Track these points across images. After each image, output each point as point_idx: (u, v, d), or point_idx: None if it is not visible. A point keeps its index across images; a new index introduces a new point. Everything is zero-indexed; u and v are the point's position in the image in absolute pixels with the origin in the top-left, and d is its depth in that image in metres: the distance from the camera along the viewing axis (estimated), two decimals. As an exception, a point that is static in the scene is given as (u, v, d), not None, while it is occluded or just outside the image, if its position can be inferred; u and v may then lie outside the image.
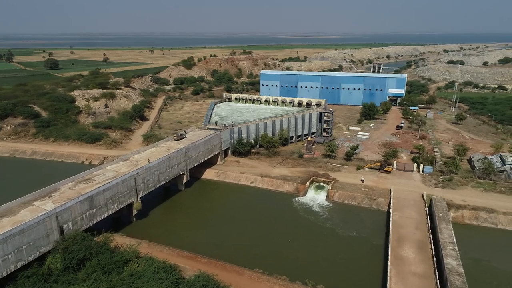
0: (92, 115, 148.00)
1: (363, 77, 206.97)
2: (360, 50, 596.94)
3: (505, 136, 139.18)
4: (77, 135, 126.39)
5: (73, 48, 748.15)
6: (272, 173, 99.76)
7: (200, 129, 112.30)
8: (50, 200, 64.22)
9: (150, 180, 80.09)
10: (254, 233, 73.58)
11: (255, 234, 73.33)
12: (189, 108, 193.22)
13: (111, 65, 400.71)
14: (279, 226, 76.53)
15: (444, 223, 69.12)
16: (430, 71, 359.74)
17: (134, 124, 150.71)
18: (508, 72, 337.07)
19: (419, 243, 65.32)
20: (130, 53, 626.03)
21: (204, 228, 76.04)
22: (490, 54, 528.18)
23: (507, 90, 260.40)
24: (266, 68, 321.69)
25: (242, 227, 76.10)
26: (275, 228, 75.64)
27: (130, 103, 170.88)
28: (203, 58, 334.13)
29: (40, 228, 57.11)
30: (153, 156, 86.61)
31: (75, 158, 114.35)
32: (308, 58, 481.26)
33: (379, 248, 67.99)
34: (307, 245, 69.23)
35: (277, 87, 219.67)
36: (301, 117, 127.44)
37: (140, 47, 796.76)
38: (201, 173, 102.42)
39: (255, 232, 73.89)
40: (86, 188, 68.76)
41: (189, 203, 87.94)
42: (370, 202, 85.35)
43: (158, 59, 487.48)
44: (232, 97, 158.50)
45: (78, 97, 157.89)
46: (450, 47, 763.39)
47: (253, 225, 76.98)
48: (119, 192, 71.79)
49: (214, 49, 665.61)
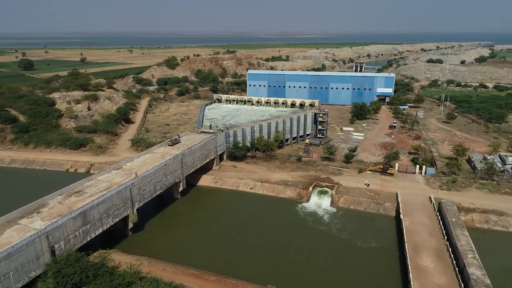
0: (74, 118, 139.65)
1: (352, 77, 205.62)
2: (341, 49, 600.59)
3: (497, 135, 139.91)
4: (60, 140, 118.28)
5: (48, 47, 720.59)
6: (272, 178, 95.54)
7: (194, 133, 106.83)
8: (39, 217, 57.78)
9: (146, 190, 74.36)
10: (263, 245, 68.91)
11: (264, 246, 68.68)
12: (175, 110, 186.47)
13: (89, 65, 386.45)
14: (288, 236, 72.06)
15: (459, 229, 66.68)
16: (412, 70, 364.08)
17: (120, 128, 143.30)
18: (487, 71, 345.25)
19: (437, 251, 62.59)
20: (107, 52, 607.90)
21: (206, 241, 70.91)
22: (466, 53, 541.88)
23: (488, 88, 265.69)
24: (250, 67, 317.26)
25: (248, 239, 71.40)
26: (284, 239, 71.13)
27: (114, 105, 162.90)
28: (186, 57, 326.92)
29: (29, 250, 50.85)
30: (148, 164, 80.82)
31: (58, 166, 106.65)
32: (290, 57, 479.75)
33: (394, 258, 64.78)
34: (322, 257, 65.02)
35: (264, 87, 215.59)
36: (296, 118, 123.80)
37: (117, 47, 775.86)
38: (196, 180, 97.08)
39: (264, 244, 69.26)
40: (78, 202, 62.54)
41: (187, 213, 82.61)
42: (376, 207, 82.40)
43: (138, 59, 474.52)
44: (222, 98, 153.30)
45: (58, 99, 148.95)
46: (427, 46, 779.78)
47: (260, 236, 72.40)
48: (114, 205, 65.85)
49: (194, 49, 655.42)
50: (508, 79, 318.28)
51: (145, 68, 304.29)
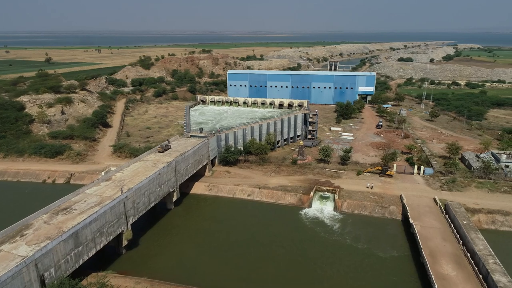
0: (47, 124, 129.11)
1: (334, 76, 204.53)
2: (314, 48, 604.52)
3: (480, 132, 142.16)
4: (34, 148, 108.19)
5: (9, 47, 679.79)
6: (270, 183, 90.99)
7: (184, 138, 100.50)
8: (23, 241, 50.35)
9: (140, 202, 67.79)
10: (274, 259, 63.90)
11: (275, 259, 63.70)
12: (154, 112, 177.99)
13: (55, 65, 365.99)
14: (298, 247, 67.39)
15: (473, 232, 64.84)
16: (386, 68, 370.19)
17: (98, 133, 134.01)
18: (457, 69, 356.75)
19: (454, 257, 60.32)
20: (74, 52, 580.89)
21: (210, 256, 65.20)
22: (434, 51, 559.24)
23: (461, 86, 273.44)
24: (227, 67, 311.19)
25: (256, 251, 66.29)
26: (295, 250, 66.48)
27: (89, 108, 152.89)
28: (161, 57, 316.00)
29: (16, 282, 43.69)
30: (140, 173, 74.15)
31: (34, 177, 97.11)
32: (265, 57, 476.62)
33: (411, 265, 61.94)
34: (341, 270, 60.79)
35: (245, 87, 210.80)
36: (287, 119, 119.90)
37: (84, 46, 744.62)
38: (189, 188, 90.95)
39: (275, 257, 64.26)
40: (67, 221, 55.38)
41: (184, 225, 76.50)
42: (382, 211, 79.74)
43: (107, 59, 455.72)
44: (207, 99, 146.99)
45: (28, 103, 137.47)
46: (395, 45, 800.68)
47: (268, 247, 67.43)
48: (107, 222, 59.06)
49: (165, 48, 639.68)
50: (476, 77, 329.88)
51: (117, 68, 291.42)
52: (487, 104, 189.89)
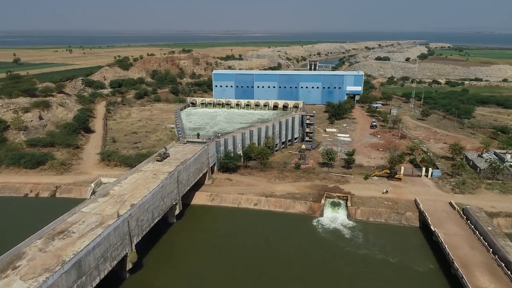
0: (24, 130, 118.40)
1: (322, 75, 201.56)
2: (293, 47, 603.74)
3: (473, 131, 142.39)
4: (11, 159, 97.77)
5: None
6: (276, 190, 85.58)
7: (180, 144, 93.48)
8: (16, 275, 42.67)
9: (144, 219, 60.79)
10: (297, 276, 58.56)
11: (299, 277, 58.36)
12: (138, 115, 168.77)
13: (24, 66, 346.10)
14: (320, 262, 62.44)
15: (501, 239, 61.95)
16: (365, 67, 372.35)
17: (81, 139, 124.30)
18: (435, 67, 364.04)
19: (487, 267, 57.07)
20: (44, 52, 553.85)
21: (225, 276, 59.05)
22: (409, 50, 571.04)
23: (441, 84, 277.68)
24: (208, 67, 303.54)
25: (274, 269, 60.56)
26: (318, 266, 61.41)
27: (69, 112, 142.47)
28: (139, 57, 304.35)
29: (13, 329, 36.32)
30: (140, 185, 67.02)
31: (14, 191, 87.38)
32: (244, 56, 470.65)
33: (442, 278, 58.22)
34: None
35: (232, 88, 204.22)
36: (285, 121, 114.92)
37: (54, 46, 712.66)
38: (189, 198, 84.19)
39: (299, 274, 58.90)
40: (66, 247, 47.92)
41: (188, 241, 69.85)
42: (398, 217, 76.03)
43: (80, 59, 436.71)
44: (197, 101, 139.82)
45: (1, 108, 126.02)
46: (370, 44, 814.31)
47: (287, 264, 61.93)
48: (111, 245, 51.90)
49: (139, 48, 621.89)
50: (454, 75, 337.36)
51: (92, 69, 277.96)
52: (472, 102, 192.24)
